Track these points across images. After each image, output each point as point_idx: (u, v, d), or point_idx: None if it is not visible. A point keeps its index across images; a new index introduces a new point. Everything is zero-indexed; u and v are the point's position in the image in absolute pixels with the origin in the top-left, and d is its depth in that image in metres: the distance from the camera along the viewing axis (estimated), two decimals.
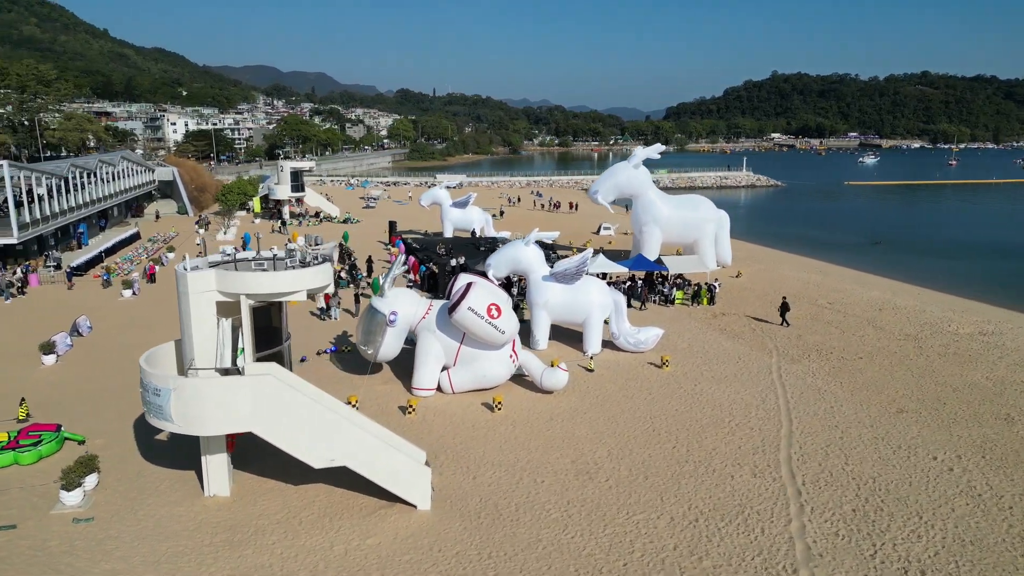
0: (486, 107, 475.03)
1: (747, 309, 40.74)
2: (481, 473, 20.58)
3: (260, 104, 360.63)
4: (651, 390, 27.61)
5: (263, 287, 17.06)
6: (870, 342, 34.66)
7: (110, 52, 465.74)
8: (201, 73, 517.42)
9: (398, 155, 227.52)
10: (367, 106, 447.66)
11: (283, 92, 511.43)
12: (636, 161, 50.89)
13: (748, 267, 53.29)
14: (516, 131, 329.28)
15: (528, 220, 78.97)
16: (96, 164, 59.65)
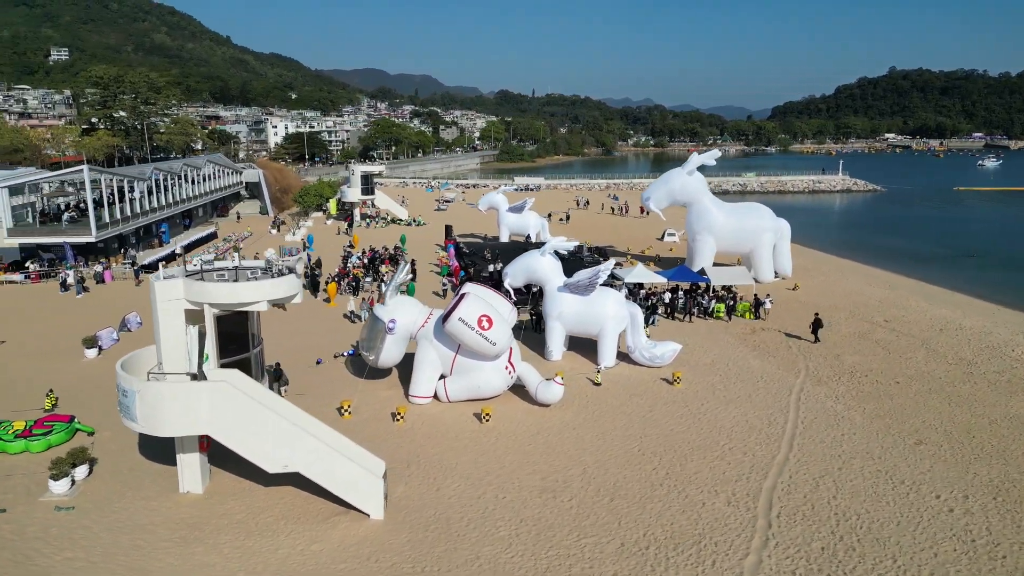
0: (584, 107, 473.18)
1: (792, 325, 38.94)
2: (447, 485, 20.79)
3: (364, 106, 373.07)
4: (652, 407, 26.98)
5: (224, 297, 17.92)
6: (915, 365, 32.52)
7: (231, 58, 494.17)
8: (313, 77, 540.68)
9: (488, 157, 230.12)
10: (466, 108, 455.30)
11: (387, 95, 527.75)
12: (690, 167, 49.63)
13: (811, 279, 50.97)
14: (610, 131, 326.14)
15: (592, 224, 78.57)
16: (180, 167, 63.82)
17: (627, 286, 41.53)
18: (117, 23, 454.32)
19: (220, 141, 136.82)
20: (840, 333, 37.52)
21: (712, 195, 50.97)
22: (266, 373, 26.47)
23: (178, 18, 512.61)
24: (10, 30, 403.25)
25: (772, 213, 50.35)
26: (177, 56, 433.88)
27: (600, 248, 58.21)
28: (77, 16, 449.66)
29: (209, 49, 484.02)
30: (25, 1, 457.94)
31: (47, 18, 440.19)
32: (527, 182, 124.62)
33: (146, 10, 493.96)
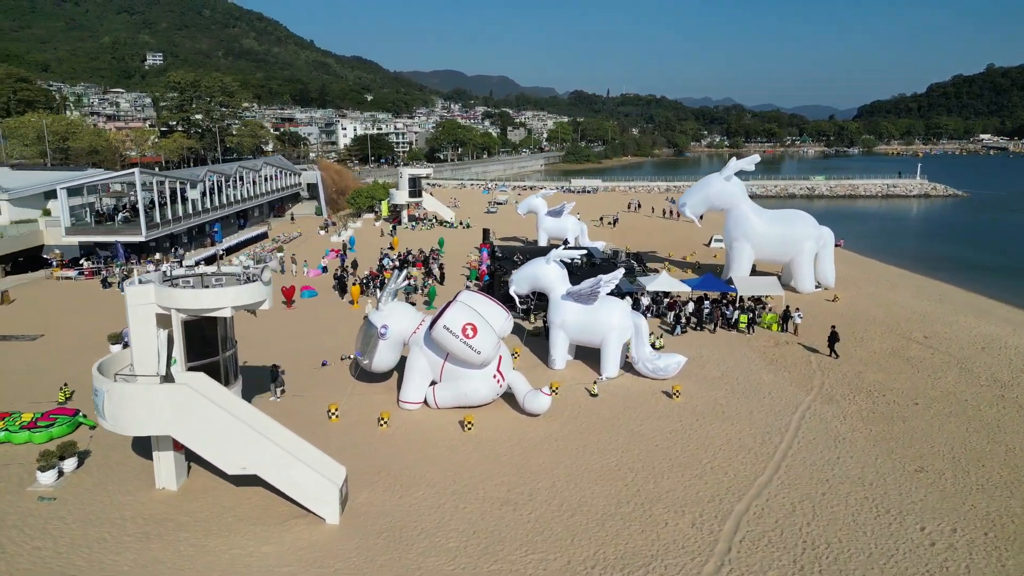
0: (659, 107, 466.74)
1: (820, 339, 37.28)
2: (411, 492, 20.97)
3: (438, 108, 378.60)
4: (643, 421, 26.47)
5: (188, 302, 18.62)
6: (942, 385, 30.78)
7: (314, 61, 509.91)
8: (390, 79, 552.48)
9: (553, 158, 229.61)
10: (539, 108, 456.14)
11: (462, 96, 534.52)
12: (728, 173, 48.43)
13: (856, 290, 48.87)
14: (683, 132, 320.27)
15: (640, 228, 77.48)
16: (235, 169, 66.41)
17: (650, 294, 40.88)
18: (209, 29, 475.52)
19: (291, 143, 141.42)
20: (870, 349, 35.88)
21: (751, 201, 49.54)
22: (270, 374, 27.44)
23: (265, 23, 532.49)
24: (111, 36, 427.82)
25: (814, 221, 48.53)
26: (263, 60, 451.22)
27: (637, 254, 57.43)
28: (173, 22, 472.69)
29: (293, 53, 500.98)
30: (127, 8, 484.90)
31: (145, 24, 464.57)
32: (584, 184, 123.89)
33: (236, 16, 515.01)
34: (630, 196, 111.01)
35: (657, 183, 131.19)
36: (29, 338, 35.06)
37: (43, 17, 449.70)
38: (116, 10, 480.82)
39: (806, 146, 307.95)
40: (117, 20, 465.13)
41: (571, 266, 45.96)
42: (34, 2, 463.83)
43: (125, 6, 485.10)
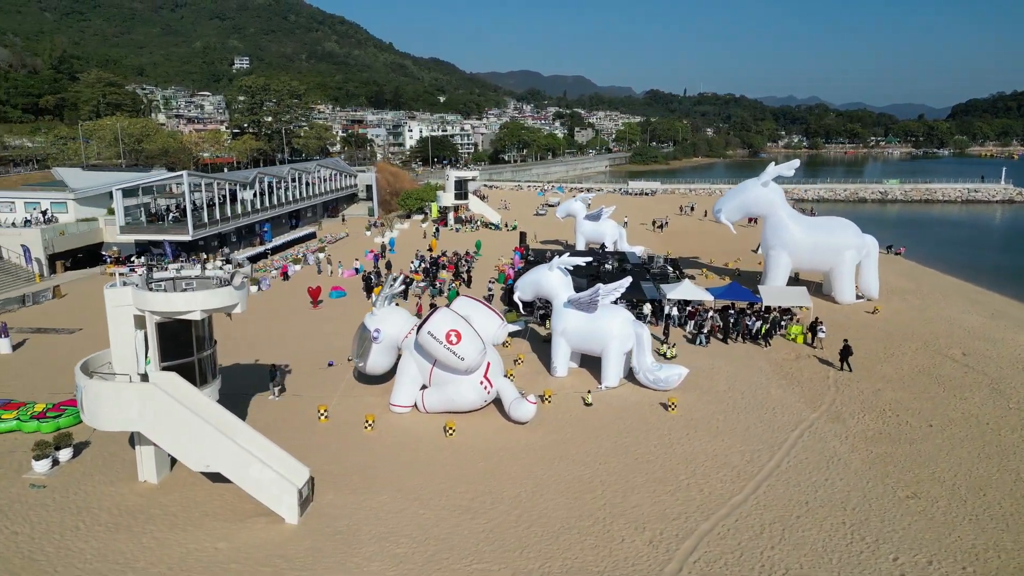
0: (738, 107, 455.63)
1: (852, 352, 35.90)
2: (376, 496, 21.28)
3: (510, 109, 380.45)
4: (631, 433, 26.03)
5: (160, 305, 19.47)
6: (966, 407, 29.08)
7: (392, 63, 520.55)
8: (466, 80, 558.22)
9: (619, 159, 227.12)
10: (613, 108, 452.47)
11: (536, 96, 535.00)
12: (765, 178, 47.04)
13: (902, 302, 46.64)
14: (758, 132, 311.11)
15: (688, 232, 75.97)
16: (288, 171, 68.67)
17: (671, 302, 40.11)
18: (294, 33, 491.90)
19: (356, 144, 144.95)
20: (898, 365, 34.22)
21: (790, 208, 48.00)
22: (269, 374, 28.37)
23: (347, 27, 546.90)
24: (203, 41, 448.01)
25: (856, 229, 46.59)
26: (344, 62, 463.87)
27: (674, 259, 56.33)
28: (260, 27, 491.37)
29: (372, 55, 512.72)
30: (218, 14, 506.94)
31: (235, 30, 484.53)
32: (642, 186, 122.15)
33: (319, 20, 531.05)
34: (689, 199, 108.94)
35: (719, 186, 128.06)
36: (67, 332, 37.22)
37: (142, 23, 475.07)
38: (208, 16, 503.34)
39: (891, 147, 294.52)
40: (209, 26, 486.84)
41: (602, 271, 45.78)
42: (134, 10, 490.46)
43: (217, 12, 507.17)
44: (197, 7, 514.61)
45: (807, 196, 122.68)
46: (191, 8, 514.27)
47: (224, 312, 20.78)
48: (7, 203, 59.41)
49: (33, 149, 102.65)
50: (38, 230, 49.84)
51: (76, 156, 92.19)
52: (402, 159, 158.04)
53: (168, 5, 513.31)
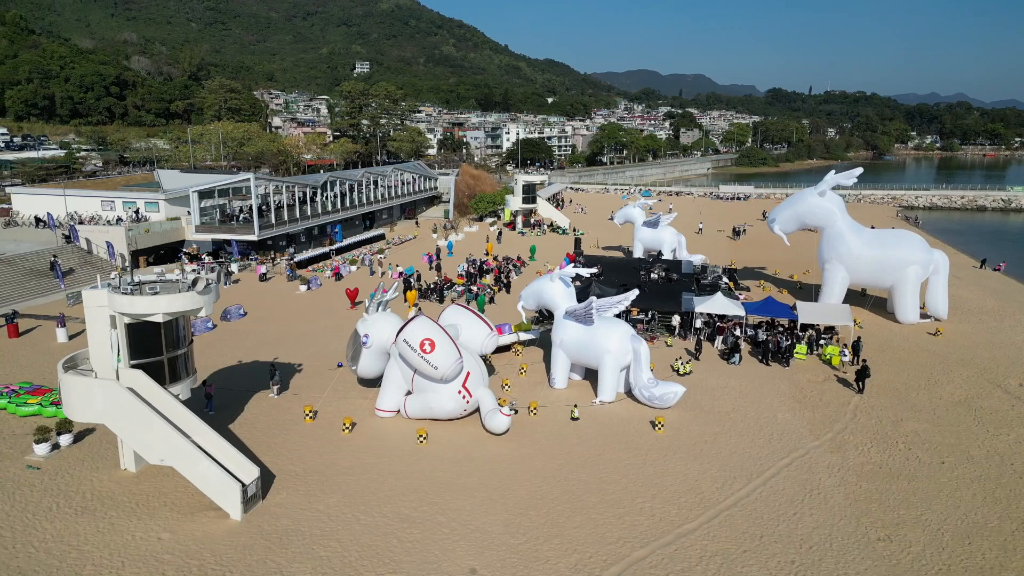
0: (868, 105, 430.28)
1: (886, 379, 33.52)
2: (325, 498, 21.90)
3: (620, 109, 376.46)
4: (606, 451, 25.43)
5: (126, 307, 20.93)
6: (996, 445, 26.58)
7: (506, 65, 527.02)
8: (579, 81, 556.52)
9: (724, 161, 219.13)
10: (731, 107, 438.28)
11: (650, 96, 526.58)
12: (823, 188, 44.62)
13: (976, 323, 43.03)
14: (885, 133, 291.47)
15: (761, 240, 72.72)
16: (361, 175, 71.25)
17: (700, 316, 38.74)
18: (414, 37, 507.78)
19: (452, 147, 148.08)
20: (938, 394, 31.62)
21: (851, 219, 45.12)
22: (269, 372, 29.78)
23: (465, 30, 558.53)
24: (328, 47, 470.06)
25: (924, 243, 43.30)
26: (459, 65, 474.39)
27: (732, 269, 54.22)
28: (383, 33, 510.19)
29: (487, 58, 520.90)
30: (346, 21, 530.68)
31: (359, 35, 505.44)
32: (735, 191, 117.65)
33: (439, 24, 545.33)
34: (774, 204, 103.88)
35: None
36: None
37: (276, 31, 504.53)
38: (337, 23, 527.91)
39: None
40: (337, 32, 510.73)
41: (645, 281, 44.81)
42: (270, 19, 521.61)
43: (344, 19, 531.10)
44: (327, 15, 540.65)
45: (917, 203, 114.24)
46: (321, 16, 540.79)
47: (190, 315, 22.01)
48: (108, 202, 65.01)
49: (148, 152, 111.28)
50: (122, 228, 54.32)
51: (188, 159, 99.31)
52: (497, 161, 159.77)
53: (300, 13, 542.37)
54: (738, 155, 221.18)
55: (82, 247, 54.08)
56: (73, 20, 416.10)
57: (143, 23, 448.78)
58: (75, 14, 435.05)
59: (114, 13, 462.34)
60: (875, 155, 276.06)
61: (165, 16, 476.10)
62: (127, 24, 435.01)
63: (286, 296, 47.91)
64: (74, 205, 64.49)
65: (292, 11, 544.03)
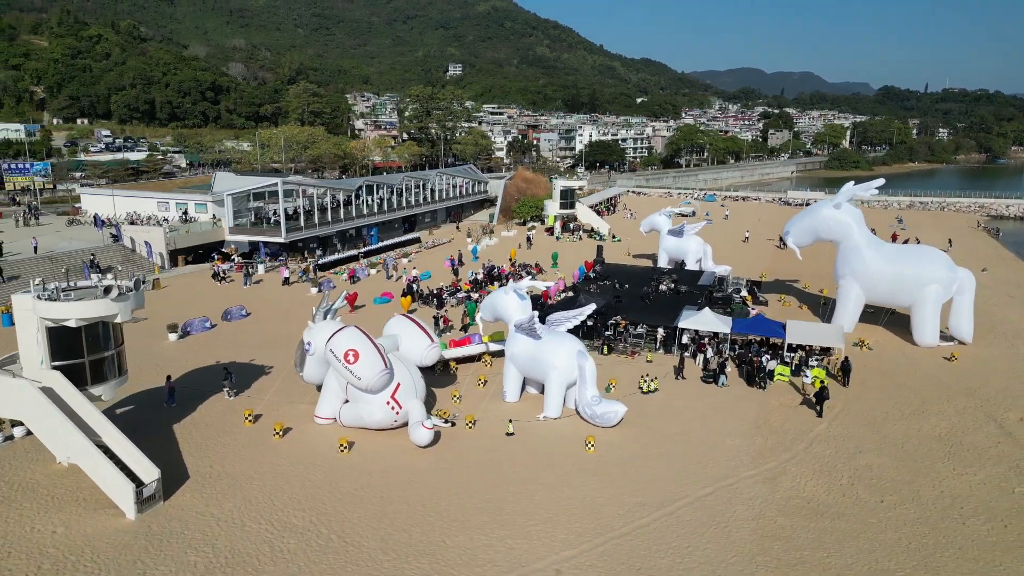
0: (990, 104, 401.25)
1: (870, 405, 31.47)
2: (224, 503, 22.50)
3: (713, 109, 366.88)
4: (525, 470, 24.97)
5: (44, 312, 22.27)
6: (957, 486, 24.52)
7: (600, 66, 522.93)
8: (675, 80, 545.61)
9: (812, 164, 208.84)
10: (837, 107, 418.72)
11: (750, 95, 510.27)
12: (839, 200, 42.31)
13: (1003, 347, 39.90)
14: (1001, 134, 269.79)
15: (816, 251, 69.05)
16: (401, 179, 72.67)
17: (688, 332, 37.36)
18: (508, 39, 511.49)
19: (521, 149, 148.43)
20: (916, 425, 29.43)
21: (869, 233, 42.55)
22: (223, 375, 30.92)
23: (559, 31, 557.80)
24: (424, 50, 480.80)
25: (947, 261, 40.29)
26: (552, 66, 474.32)
27: (756, 282, 51.92)
28: (478, 35, 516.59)
29: (581, 58, 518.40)
30: (443, 24, 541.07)
31: (455, 38, 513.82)
32: (806, 197, 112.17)
33: (533, 26, 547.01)
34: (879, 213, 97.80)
35: (899, 197, 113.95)
36: (133, 320, 42.59)
37: (376, 35, 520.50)
38: (434, 26, 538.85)
39: None
40: (435, 35, 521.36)
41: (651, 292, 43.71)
42: (371, 23, 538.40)
43: (442, 22, 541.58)
44: (425, 18, 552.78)
45: (1008, 213, 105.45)
46: (420, 20, 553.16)
47: (107, 320, 23.16)
48: (163, 203, 69.08)
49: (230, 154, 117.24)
50: (161, 229, 57.62)
51: (256, 161, 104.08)
52: (569, 163, 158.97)
53: (400, 18, 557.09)
54: (828, 158, 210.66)
55: (127, 246, 57.61)
56: (192, 28, 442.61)
57: (254, 30, 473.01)
58: (194, 22, 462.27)
59: (229, 21, 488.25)
60: (988, 158, 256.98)
61: (275, 23, 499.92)
62: (240, 31, 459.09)
63: (297, 298, 49.25)
64: (132, 206, 68.89)
65: (393, 15, 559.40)
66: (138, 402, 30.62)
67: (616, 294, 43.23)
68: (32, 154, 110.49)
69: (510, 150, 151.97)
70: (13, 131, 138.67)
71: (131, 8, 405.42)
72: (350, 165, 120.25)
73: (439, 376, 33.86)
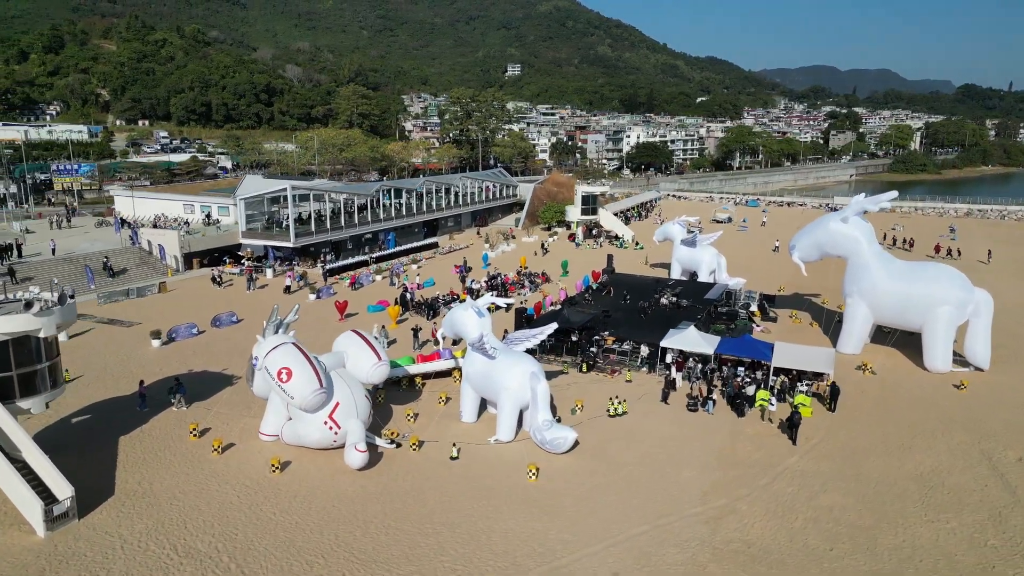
0: None
1: (852, 437, 29.29)
2: (137, 524, 22.05)
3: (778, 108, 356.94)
4: (456, 499, 23.88)
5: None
6: (917, 534, 22.36)
7: (663, 65, 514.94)
8: (740, 79, 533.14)
9: (876, 167, 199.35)
10: (913, 106, 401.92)
11: (820, 94, 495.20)
12: (847, 213, 39.93)
13: (1016, 376, 36.53)
14: None
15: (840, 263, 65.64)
16: (421, 183, 72.25)
17: (672, 352, 35.57)
18: (570, 39, 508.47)
19: (565, 152, 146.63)
20: (896, 462, 27.18)
21: (880, 249, 39.93)
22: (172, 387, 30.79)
23: (622, 30, 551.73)
24: (484, 50, 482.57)
25: (964, 280, 37.34)
26: (613, 66, 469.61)
27: (770, 296, 49.36)
28: (539, 35, 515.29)
29: (643, 57, 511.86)
30: (505, 24, 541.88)
31: (517, 38, 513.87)
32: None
33: (596, 25, 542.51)
34: (946, 221, 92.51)
35: (955, 205, 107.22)
36: (127, 324, 43.38)
37: (439, 36, 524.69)
38: (496, 26, 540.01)
39: None
40: (496, 36, 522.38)
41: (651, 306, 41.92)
42: (434, 24, 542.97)
43: (504, 22, 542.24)
44: (487, 19, 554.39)
45: None
46: (482, 20, 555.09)
47: (30, 335, 23.11)
48: (189, 205, 70.51)
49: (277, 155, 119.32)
50: (175, 232, 58.63)
51: (294, 163, 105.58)
52: (617, 165, 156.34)
53: (463, 18, 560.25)
54: (892, 160, 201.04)
55: (144, 249, 58.85)
56: (262, 31, 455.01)
57: (321, 32, 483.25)
58: (264, 25, 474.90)
59: (297, 24, 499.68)
60: None
61: (341, 25, 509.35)
62: (307, 34, 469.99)
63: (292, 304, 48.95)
64: (160, 208, 70.53)
65: (456, 16, 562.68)
66: (101, 409, 30.81)
67: (605, 308, 41.56)
68: (86, 155, 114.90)
69: (553, 152, 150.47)
70: (76, 132, 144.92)
71: (205, 12, 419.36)
72: (388, 167, 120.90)
73: (403, 392, 33.07)
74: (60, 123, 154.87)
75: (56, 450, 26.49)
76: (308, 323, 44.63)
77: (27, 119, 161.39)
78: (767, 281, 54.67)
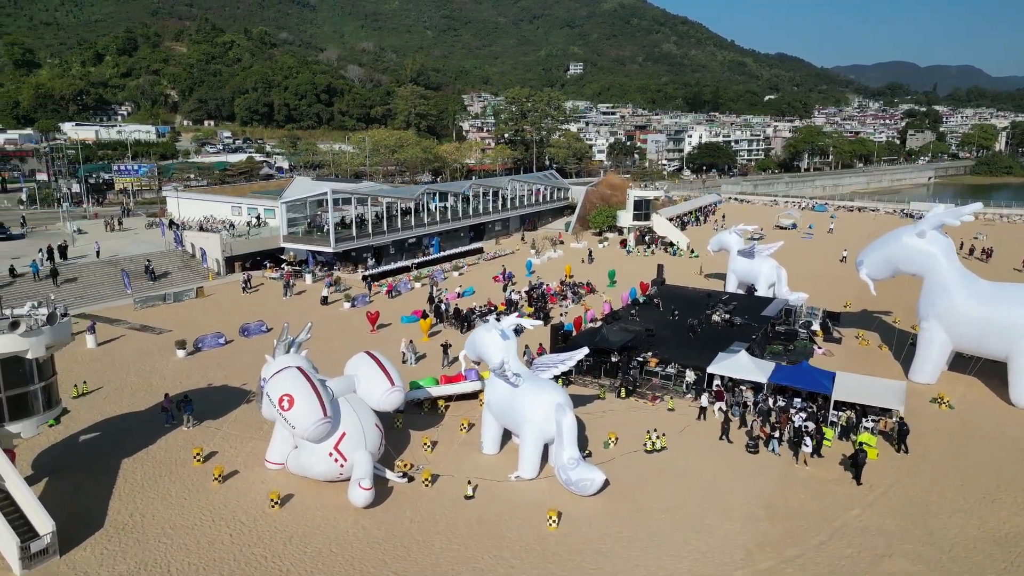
0: None
1: (926, 484, 25.78)
2: (119, 564, 20.40)
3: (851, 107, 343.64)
4: (465, 549, 21.54)
5: None
6: None
7: (730, 62, 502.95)
8: (812, 76, 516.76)
9: (957, 169, 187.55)
10: (998, 104, 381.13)
11: (897, 91, 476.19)
12: (922, 227, 35.97)
13: None
14: None
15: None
16: (469, 186, 70.19)
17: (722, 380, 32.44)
18: (634, 36, 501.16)
19: (624, 152, 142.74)
20: (977, 519, 23.62)
21: (960, 267, 35.81)
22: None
23: (688, 27, 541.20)
24: (547, 49, 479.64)
25: None
26: (678, 63, 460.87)
27: (835, 314, 45.36)
28: (603, 33, 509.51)
29: (710, 55, 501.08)
30: (569, 23, 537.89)
31: (580, 36, 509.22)
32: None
33: (661, 22, 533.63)
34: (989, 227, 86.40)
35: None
36: (158, 332, 42.53)
37: (502, 35, 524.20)
38: (560, 25, 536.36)
39: None
40: (560, 34, 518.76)
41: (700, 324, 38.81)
42: (497, 24, 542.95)
43: (568, 21, 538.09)
44: (551, 17, 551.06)
45: None
46: (545, 19, 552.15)
47: (17, 356, 21.77)
48: (236, 207, 70.26)
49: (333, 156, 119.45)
50: (218, 235, 58.04)
51: (347, 164, 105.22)
52: (677, 166, 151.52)
53: (527, 17, 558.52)
54: (975, 162, 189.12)
55: (187, 252, 58.51)
56: (330, 32, 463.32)
57: (386, 32, 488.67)
58: (332, 27, 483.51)
59: (363, 24, 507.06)
60: None
61: (405, 25, 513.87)
62: (373, 34, 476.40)
63: (330, 313, 47.58)
64: (209, 209, 70.53)
65: (519, 15, 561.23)
66: (112, 427, 29.66)
67: (649, 327, 38.53)
68: (149, 155, 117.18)
69: (611, 152, 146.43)
70: (145, 132, 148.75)
71: (275, 15, 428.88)
72: (441, 169, 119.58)
73: (424, 416, 30.90)
74: (130, 123, 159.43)
75: (56, 472, 25.62)
76: (340, 332, 43.18)
77: (100, 119, 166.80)
78: (832, 296, 50.55)
